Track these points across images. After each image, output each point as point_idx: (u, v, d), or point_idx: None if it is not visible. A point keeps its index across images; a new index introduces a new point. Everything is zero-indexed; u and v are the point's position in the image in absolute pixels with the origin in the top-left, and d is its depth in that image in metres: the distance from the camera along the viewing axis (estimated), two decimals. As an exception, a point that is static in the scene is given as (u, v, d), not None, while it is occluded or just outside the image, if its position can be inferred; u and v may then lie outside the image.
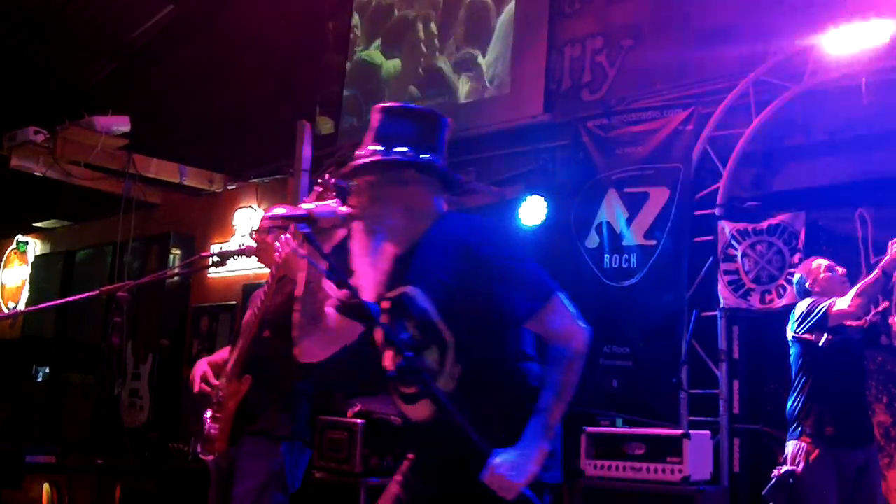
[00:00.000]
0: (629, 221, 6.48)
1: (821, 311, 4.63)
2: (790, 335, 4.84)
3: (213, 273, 9.36)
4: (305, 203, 2.41)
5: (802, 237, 5.77)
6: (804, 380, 4.73)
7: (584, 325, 2.40)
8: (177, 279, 9.79)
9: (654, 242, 6.34)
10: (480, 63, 8.09)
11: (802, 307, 4.77)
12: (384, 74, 8.87)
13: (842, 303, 4.56)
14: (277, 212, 2.41)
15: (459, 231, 2.42)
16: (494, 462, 2.24)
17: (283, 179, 8.74)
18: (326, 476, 6.03)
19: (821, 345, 4.65)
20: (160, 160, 9.06)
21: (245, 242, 2.38)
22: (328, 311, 2.52)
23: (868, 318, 4.76)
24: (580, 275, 6.62)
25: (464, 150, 7.60)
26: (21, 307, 11.88)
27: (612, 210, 6.57)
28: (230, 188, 9.55)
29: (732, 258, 5.98)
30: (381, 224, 2.44)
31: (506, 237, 2.44)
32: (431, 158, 2.49)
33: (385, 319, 2.47)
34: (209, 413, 4.12)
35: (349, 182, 2.48)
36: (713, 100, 6.33)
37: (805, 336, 4.72)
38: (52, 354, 11.57)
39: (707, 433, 5.59)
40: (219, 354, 4.40)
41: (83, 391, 10.81)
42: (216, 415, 4.05)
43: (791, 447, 4.70)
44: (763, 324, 5.93)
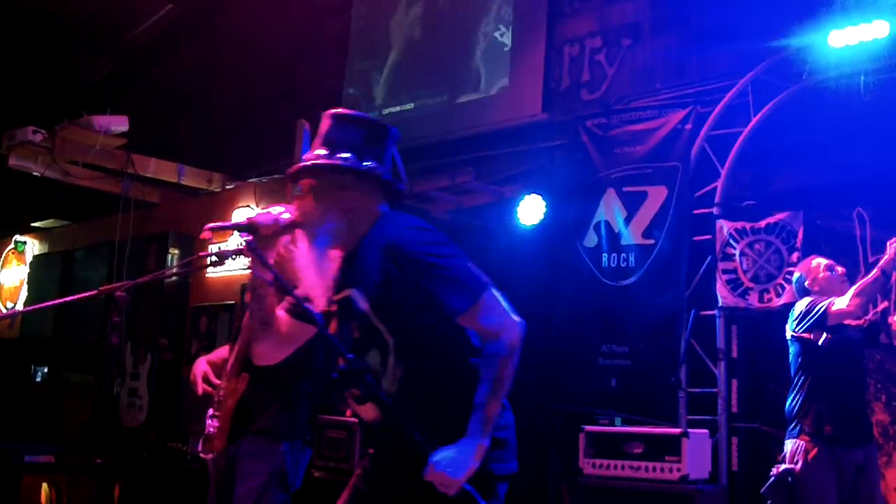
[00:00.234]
0: (628, 220, 6.48)
1: (820, 311, 4.63)
2: (789, 334, 4.85)
3: (212, 272, 9.36)
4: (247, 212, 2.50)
5: (801, 236, 5.77)
6: (803, 378, 4.73)
7: (518, 319, 2.45)
8: (175, 279, 9.79)
9: (653, 241, 6.34)
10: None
11: (801, 306, 4.78)
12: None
13: (840, 302, 4.56)
14: (216, 223, 2.48)
15: (390, 233, 2.48)
16: (434, 459, 2.29)
17: (282, 179, 8.73)
18: (325, 475, 6.03)
19: (820, 344, 4.65)
20: (159, 160, 9.05)
21: (244, 242, 2.39)
22: (280, 315, 2.59)
23: (867, 318, 4.77)
24: (579, 274, 6.63)
25: (462, 150, 7.62)
26: (19, 307, 11.87)
27: (611, 209, 6.57)
28: (229, 188, 9.54)
29: (731, 257, 5.99)
30: (322, 228, 2.50)
31: (434, 237, 2.48)
32: (373, 166, 2.55)
33: (335, 323, 2.55)
34: (210, 412, 4.13)
35: (295, 185, 2.58)
36: (712, 99, 6.33)
37: (804, 335, 4.72)
38: (51, 354, 11.55)
39: (705, 432, 5.60)
40: (217, 353, 4.41)
41: (82, 391, 10.80)
42: (215, 413, 4.05)
43: (790, 446, 4.71)
44: (761, 323, 5.94)
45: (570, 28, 7.53)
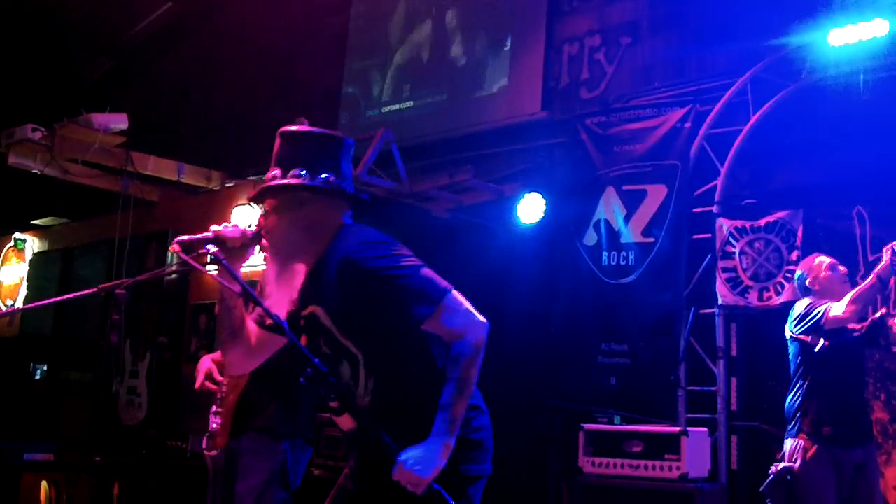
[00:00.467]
0: (627, 219, 6.48)
1: (817, 316, 4.61)
2: (788, 334, 4.84)
3: (212, 270, 9.34)
4: (214, 225, 2.57)
5: (800, 234, 5.77)
6: (802, 377, 4.73)
7: (481, 319, 2.47)
8: (175, 276, 9.78)
9: (652, 240, 6.34)
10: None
11: (800, 307, 4.76)
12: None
13: (837, 309, 4.52)
14: (184, 237, 2.54)
15: (346, 248, 2.50)
16: (401, 458, 2.33)
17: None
18: (324, 473, 6.03)
19: (816, 350, 4.65)
20: (158, 158, 9.04)
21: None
22: (250, 325, 2.62)
23: (867, 322, 4.74)
24: (578, 272, 6.63)
25: (462, 148, 7.62)
26: (19, 305, 11.87)
27: (610, 207, 6.58)
28: (228, 186, 9.53)
29: (730, 255, 5.99)
30: (284, 244, 2.55)
31: (387, 249, 2.49)
32: (327, 178, 2.57)
33: (304, 338, 2.59)
34: (213, 408, 4.14)
35: (260, 205, 2.64)
36: (711, 97, 6.33)
37: (802, 337, 4.72)
38: (50, 352, 11.55)
39: (705, 430, 5.61)
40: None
41: (81, 389, 10.80)
42: (218, 409, 4.06)
43: (789, 445, 4.70)
44: (761, 321, 5.94)
45: (570, 26, 7.53)
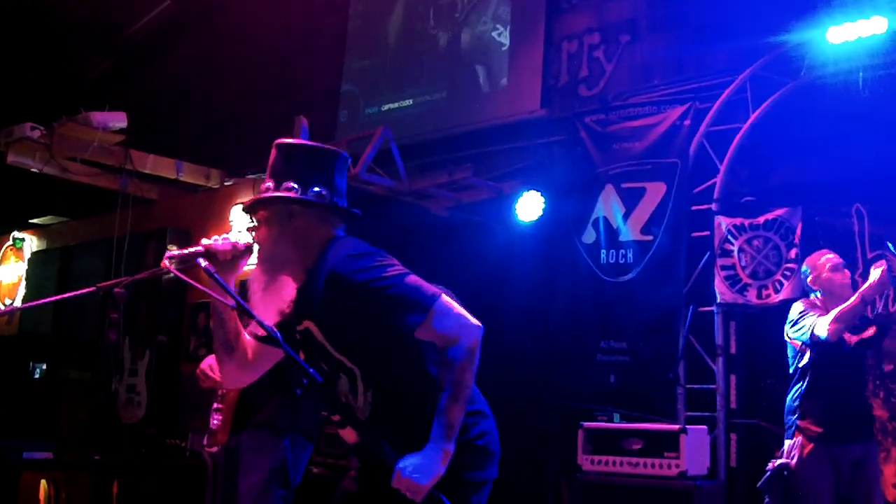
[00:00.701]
0: (626, 217, 6.48)
1: (803, 330, 4.62)
2: (786, 336, 4.84)
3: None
4: (205, 239, 2.57)
5: (799, 232, 5.77)
6: (801, 377, 4.73)
7: (474, 322, 2.46)
8: (174, 275, 9.75)
9: (651, 238, 6.34)
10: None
11: (795, 312, 4.75)
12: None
13: (821, 328, 4.51)
14: (175, 251, 2.56)
15: (333, 263, 2.50)
16: (400, 466, 2.33)
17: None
18: (323, 471, 6.03)
19: (804, 363, 4.66)
20: (157, 156, 9.03)
21: (242, 239, 2.42)
22: (246, 339, 2.63)
23: (869, 333, 4.72)
24: (577, 270, 6.63)
25: (461, 146, 7.62)
26: (18, 303, 11.86)
27: (609, 205, 6.58)
28: (227, 184, 9.52)
29: (729, 253, 5.99)
30: (272, 256, 2.56)
31: (372, 261, 2.48)
32: (319, 192, 2.58)
33: (302, 351, 2.60)
34: (214, 406, 4.15)
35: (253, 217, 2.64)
36: (710, 95, 6.33)
37: (796, 344, 4.73)
38: (49, 351, 11.54)
39: (704, 428, 5.61)
40: None
41: (80, 387, 10.79)
42: (218, 406, 4.07)
43: (788, 444, 4.71)
44: (760, 319, 5.94)
45: (569, 24, 7.53)
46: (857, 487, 4.62)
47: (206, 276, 2.48)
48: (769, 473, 4.64)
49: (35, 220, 12.01)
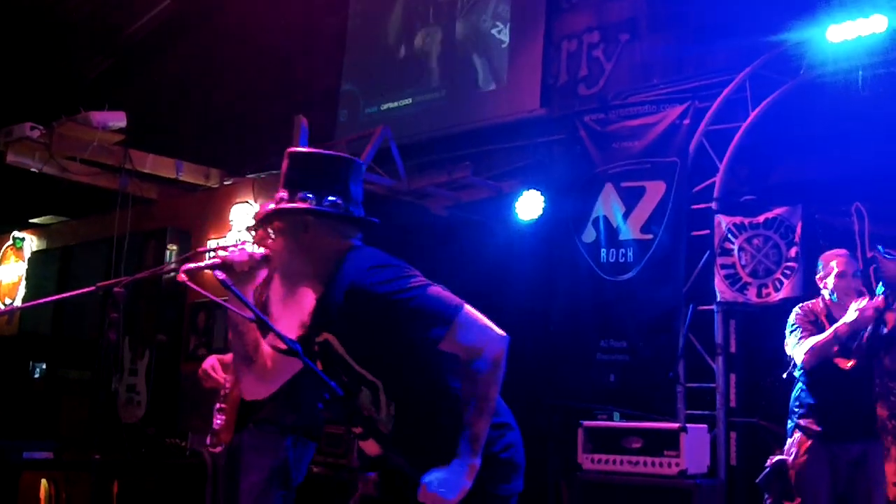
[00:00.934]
0: (626, 216, 6.48)
1: (789, 349, 4.69)
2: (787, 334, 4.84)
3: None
4: (221, 250, 2.51)
5: (799, 231, 5.77)
6: (802, 375, 4.73)
7: (499, 333, 2.42)
8: (174, 274, 9.75)
9: (651, 237, 6.34)
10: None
11: (790, 320, 4.77)
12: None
13: (798, 355, 4.59)
14: (191, 265, 2.46)
15: (352, 274, 2.45)
16: (426, 481, 2.30)
17: (280, 175, 8.71)
18: (324, 470, 6.03)
19: (786, 375, 4.71)
20: (156, 156, 9.03)
21: (241, 238, 2.42)
22: (265, 350, 2.57)
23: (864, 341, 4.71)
24: (577, 269, 6.63)
25: (461, 145, 7.62)
26: (17, 303, 11.86)
27: (609, 204, 6.58)
28: (227, 183, 9.52)
29: (729, 252, 5.99)
30: (288, 267, 2.52)
31: (393, 273, 2.43)
32: (334, 201, 2.52)
33: (320, 363, 2.54)
34: (217, 405, 4.14)
35: (265, 229, 2.58)
36: (710, 94, 6.33)
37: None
38: (49, 350, 11.54)
39: (704, 427, 5.61)
40: (230, 355, 4.42)
41: (80, 387, 10.79)
42: (221, 405, 4.06)
43: (789, 441, 4.72)
44: (760, 317, 5.94)
45: (568, 23, 7.53)
46: (857, 487, 4.62)
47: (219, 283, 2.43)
48: (768, 469, 4.66)
49: (35, 220, 12.01)
